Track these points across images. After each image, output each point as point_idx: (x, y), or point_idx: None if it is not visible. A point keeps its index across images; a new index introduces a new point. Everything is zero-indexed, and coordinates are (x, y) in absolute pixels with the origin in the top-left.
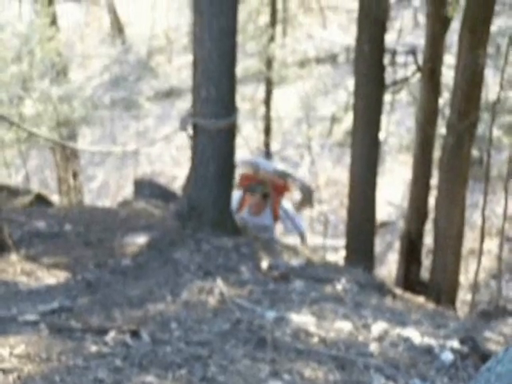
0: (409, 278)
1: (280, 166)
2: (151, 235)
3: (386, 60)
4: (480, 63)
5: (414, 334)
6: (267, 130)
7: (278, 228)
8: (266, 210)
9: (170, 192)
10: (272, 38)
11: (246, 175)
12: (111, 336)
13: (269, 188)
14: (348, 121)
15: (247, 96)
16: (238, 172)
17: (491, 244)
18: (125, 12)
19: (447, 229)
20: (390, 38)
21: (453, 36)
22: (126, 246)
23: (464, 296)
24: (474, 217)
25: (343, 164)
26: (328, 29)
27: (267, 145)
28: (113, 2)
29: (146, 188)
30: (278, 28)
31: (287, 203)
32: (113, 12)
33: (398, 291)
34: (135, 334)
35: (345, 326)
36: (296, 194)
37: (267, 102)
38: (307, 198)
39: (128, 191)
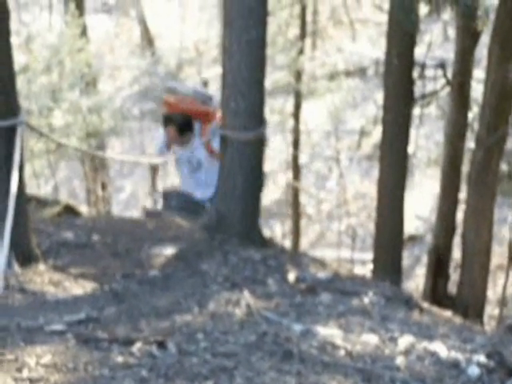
0: (436, 292)
1: (201, 88)
2: (179, 246)
3: (415, 73)
4: (510, 77)
5: (441, 348)
6: (296, 143)
7: None
8: (194, 141)
9: (198, 204)
10: (301, 51)
11: (168, 102)
12: (137, 347)
13: (190, 118)
14: (377, 134)
15: (276, 108)
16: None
17: None
18: (155, 24)
19: (475, 243)
20: (419, 52)
21: (482, 50)
22: (153, 257)
23: (491, 311)
24: (502, 231)
25: (371, 177)
26: (357, 42)
27: (296, 157)
28: (143, 13)
29: (174, 199)
30: (308, 41)
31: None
32: (143, 24)
33: (426, 305)
34: (161, 345)
35: (371, 339)
36: None
37: (296, 114)
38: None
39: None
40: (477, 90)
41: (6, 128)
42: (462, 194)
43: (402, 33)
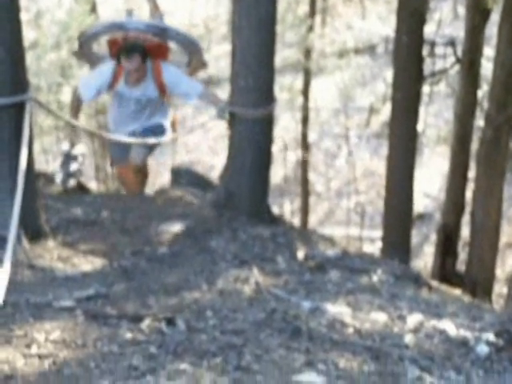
0: (445, 271)
1: (151, 21)
2: (187, 223)
3: (425, 51)
4: None
5: (450, 326)
6: (305, 121)
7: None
8: (147, 79)
9: (207, 181)
10: (311, 28)
11: (114, 41)
12: (146, 323)
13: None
14: (386, 112)
15: (285, 86)
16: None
17: None
18: (164, 0)
19: (484, 221)
20: (429, 30)
21: (492, 28)
22: (162, 234)
23: (500, 289)
24: (511, 210)
25: (380, 155)
26: (367, 19)
27: (305, 135)
28: None
29: (183, 176)
30: (317, 18)
31: (171, 66)
32: (152, 0)
33: (434, 283)
34: (170, 322)
35: (380, 317)
36: (180, 55)
37: (305, 92)
38: (196, 56)
39: (165, 179)
40: (487, 67)
41: (15, 104)
42: (471, 173)
43: (412, 10)
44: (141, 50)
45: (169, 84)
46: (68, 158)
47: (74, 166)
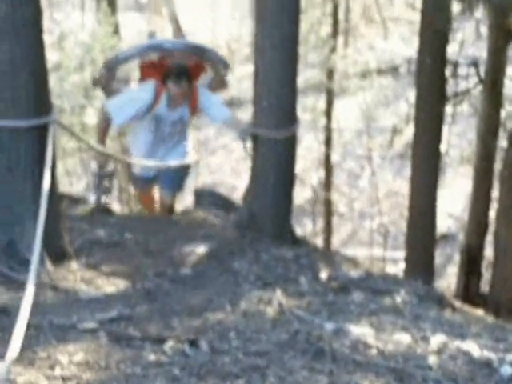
0: (468, 291)
1: (187, 40)
2: (211, 245)
3: (448, 72)
4: None
5: (473, 347)
6: (328, 141)
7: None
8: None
9: (230, 202)
10: (333, 49)
11: (149, 64)
12: (169, 345)
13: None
14: (409, 132)
15: (308, 107)
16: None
17: None
18: (187, 21)
19: (507, 241)
20: (451, 50)
21: None
22: (185, 255)
23: None
24: None
25: (404, 176)
26: (390, 40)
27: (328, 156)
28: (175, 11)
29: (206, 198)
30: (340, 39)
31: (206, 90)
32: (175, 21)
33: (458, 304)
34: (194, 344)
35: (403, 338)
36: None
37: (328, 112)
38: (220, 76)
39: (189, 201)
40: (509, 87)
41: (38, 126)
42: (495, 193)
43: (435, 31)
44: (189, 74)
45: (203, 107)
46: (100, 177)
47: (106, 183)
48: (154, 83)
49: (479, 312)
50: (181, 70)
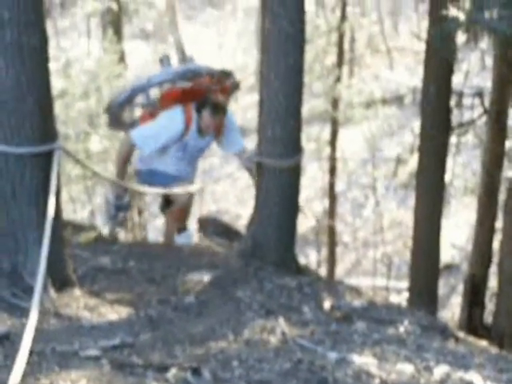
0: (472, 322)
1: (208, 65)
2: (214, 273)
3: (453, 102)
4: None
5: (477, 378)
6: (332, 171)
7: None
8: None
9: (234, 230)
10: (338, 79)
11: (182, 91)
12: (172, 373)
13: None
14: (413, 162)
15: (313, 136)
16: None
17: None
18: (192, 50)
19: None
20: (456, 80)
21: None
22: (188, 284)
23: None
24: None
25: (408, 206)
26: (394, 70)
27: (332, 185)
28: (180, 40)
29: (210, 226)
30: (345, 68)
31: (234, 117)
32: (180, 50)
33: (461, 334)
34: (196, 372)
35: (406, 369)
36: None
37: (333, 142)
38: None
39: (193, 228)
40: None
41: (43, 153)
42: (499, 223)
43: (440, 61)
44: (225, 110)
45: (225, 134)
46: (118, 208)
47: (121, 215)
48: (183, 111)
49: (483, 343)
50: (220, 106)
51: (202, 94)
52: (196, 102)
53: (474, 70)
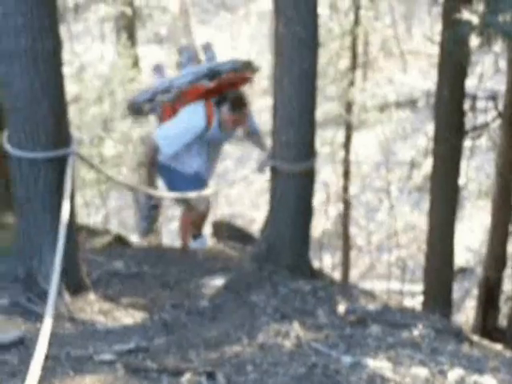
0: (486, 325)
1: (229, 58)
2: (228, 277)
3: (467, 105)
4: None
5: (491, 382)
6: (346, 174)
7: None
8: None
9: (248, 234)
10: (352, 82)
11: (207, 89)
12: (187, 377)
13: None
14: (427, 166)
15: (327, 140)
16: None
17: None
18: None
19: None
20: (470, 83)
21: None
22: (203, 288)
23: None
24: None
25: (422, 209)
26: (408, 73)
27: (346, 189)
28: (194, 43)
29: (224, 230)
30: (359, 72)
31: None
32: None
33: (476, 338)
34: (211, 376)
35: (421, 372)
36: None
37: (346, 145)
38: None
39: (206, 233)
40: None
41: (57, 158)
42: None
43: (454, 64)
44: (244, 103)
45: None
46: (150, 208)
47: (153, 214)
48: (204, 107)
49: (497, 346)
50: (239, 101)
51: (225, 88)
52: (216, 97)
53: (487, 73)
